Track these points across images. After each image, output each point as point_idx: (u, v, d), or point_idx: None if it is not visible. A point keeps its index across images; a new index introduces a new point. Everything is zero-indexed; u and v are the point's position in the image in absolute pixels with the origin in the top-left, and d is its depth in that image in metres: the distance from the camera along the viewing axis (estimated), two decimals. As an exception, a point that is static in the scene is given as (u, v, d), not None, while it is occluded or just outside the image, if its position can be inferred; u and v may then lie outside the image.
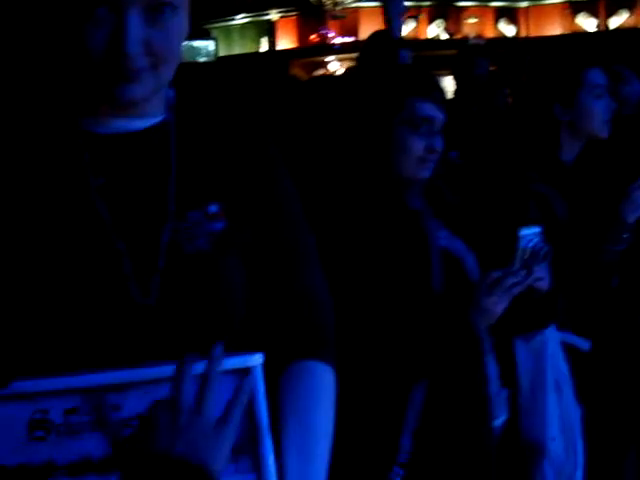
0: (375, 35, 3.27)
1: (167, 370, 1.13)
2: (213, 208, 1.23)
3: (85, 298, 1.16)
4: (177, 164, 1.23)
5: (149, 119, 1.23)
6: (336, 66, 7.63)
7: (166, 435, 1.06)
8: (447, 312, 2.01)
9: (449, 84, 4.20)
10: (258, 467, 1.16)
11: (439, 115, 2.06)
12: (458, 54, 4.30)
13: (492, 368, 2.22)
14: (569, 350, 2.45)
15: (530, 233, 2.11)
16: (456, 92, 4.19)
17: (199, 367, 1.13)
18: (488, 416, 2.11)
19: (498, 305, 2.04)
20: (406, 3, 7.78)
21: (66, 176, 1.19)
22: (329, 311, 1.33)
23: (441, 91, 2.11)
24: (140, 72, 1.14)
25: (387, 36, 3.49)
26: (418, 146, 2.04)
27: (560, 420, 2.41)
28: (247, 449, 1.15)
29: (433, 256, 2.05)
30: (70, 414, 1.12)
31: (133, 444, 1.07)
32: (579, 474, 2.41)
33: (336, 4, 7.77)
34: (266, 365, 1.16)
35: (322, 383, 1.28)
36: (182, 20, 1.18)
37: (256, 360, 1.15)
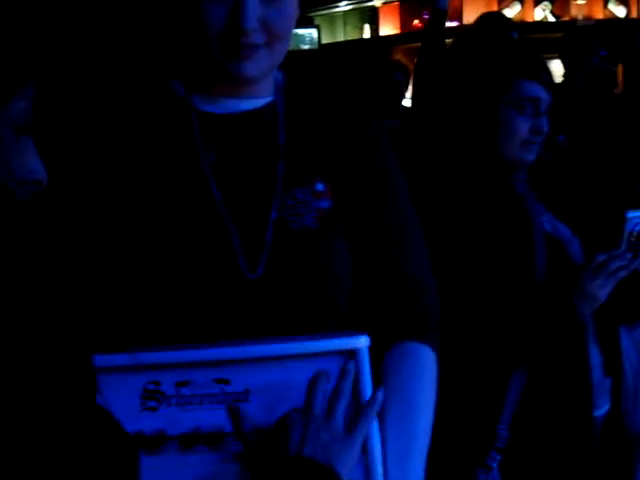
0: (485, 17, 3.23)
1: (273, 349, 1.17)
2: (320, 186, 1.26)
3: (196, 272, 1.20)
4: (285, 144, 1.26)
5: (259, 99, 1.27)
6: (439, 51, 7.54)
7: (297, 439, 1.11)
8: (550, 297, 1.99)
9: (557, 67, 4.11)
10: (365, 449, 1.18)
11: (545, 96, 2.03)
12: (566, 36, 4.20)
13: (595, 356, 2.19)
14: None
15: (637, 215, 2.06)
16: (564, 75, 4.10)
17: (307, 346, 1.16)
18: (590, 405, 2.08)
19: (602, 290, 2.00)
20: (511, -14, 7.64)
21: (178, 153, 1.24)
22: (434, 294, 1.34)
23: (548, 72, 2.09)
24: (256, 49, 1.19)
25: (498, 18, 3.43)
26: (523, 127, 2.02)
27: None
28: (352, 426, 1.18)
29: (537, 240, 2.02)
30: (181, 386, 1.16)
31: (265, 445, 1.12)
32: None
33: (439, -12, 7.69)
34: (370, 345, 1.18)
35: (425, 364, 1.30)
36: (295, 1, 1.23)
37: (362, 342, 1.17)
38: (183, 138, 1.24)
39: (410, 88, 4.55)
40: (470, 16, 3.57)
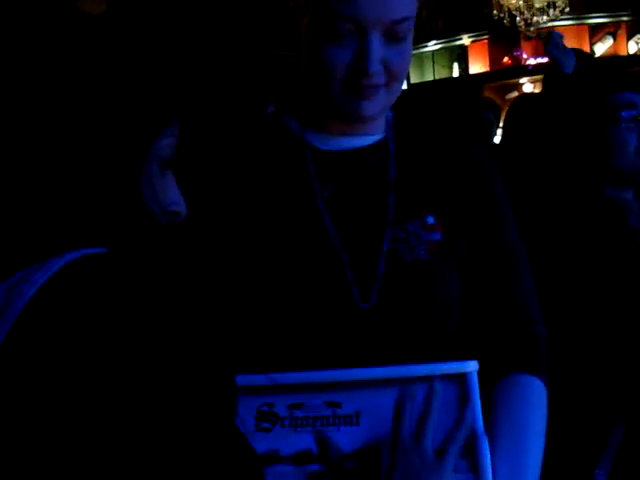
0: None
1: (385, 372, 1.20)
2: (431, 220, 1.30)
3: (311, 302, 1.25)
4: (396, 178, 1.31)
5: (372, 136, 1.32)
6: (530, 87, 7.51)
7: (386, 464, 1.12)
8: None
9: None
10: (476, 468, 1.20)
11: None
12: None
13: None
14: None
15: None
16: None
17: (418, 370, 1.19)
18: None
19: None
20: (603, 20, 7.57)
21: (293, 188, 1.30)
22: (542, 326, 1.36)
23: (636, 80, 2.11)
24: (376, 90, 1.24)
25: (583, 54, 3.42)
26: (631, 137, 2.03)
27: None
28: (463, 451, 1.20)
29: None
30: (294, 409, 1.21)
31: (355, 472, 1.15)
32: None
33: (529, 24, 7.68)
34: (479, 373, 1.21)
35: (536, 397, 1.31)
36: (411, 43, 1.28)
37: (472, 366, 1.20)
38: (298, 174, 1.31)
39: (500, 125, 4.54)
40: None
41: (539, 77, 3.34)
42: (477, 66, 8.38)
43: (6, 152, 0.97)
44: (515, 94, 7.36)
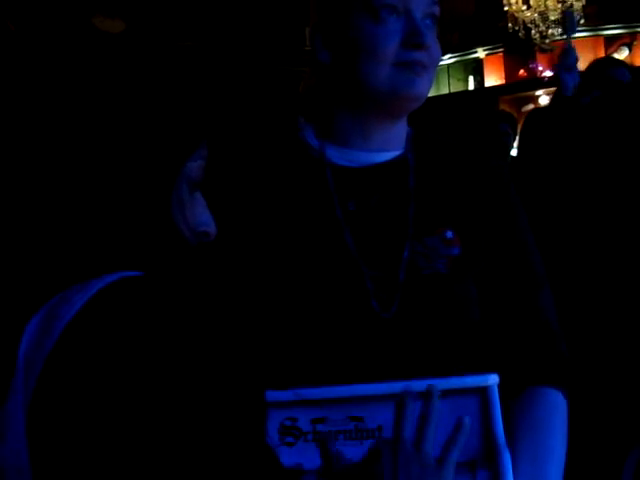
0: (598, 61, 3.25)
1: (406, 386, 1.21)
2: (449, 234, 1.32)
3: (332, 314, 1.27)
4: (416, 192, 1.33)
5: (392, 152, 1.34)
6: (546, 100, 7.51)
7: (388, 469, 1.13)
8: None
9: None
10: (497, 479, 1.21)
11: None
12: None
13: None
14: None
15: None
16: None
17: (439, 384, 1.20)
18: None
19: None
20: (619, 30, 7.57)
21: (314, 205, 1.32)
22: (563, 341, 1.36)
23: None
24: (424, 69, 1.30)
25: (610, 61, 3.44)
26: None
27: None
28: (484, 464, 1.20)
29: None
30: (317, 423, 1.22)
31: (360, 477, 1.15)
32: None
33: (544, 37, 7.69)
34: (499, 386, 1.21)
35: (557, 410, 1.32)
36: None
37: (492, 379, 1.21)
38: (318, 190, 1.33)
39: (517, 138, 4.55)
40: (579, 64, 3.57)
41: (554, 89, 3.35)
42: (492, 79, 8.38)
43: (42, 177, 0.99)
44: (531, 106, 7.36)
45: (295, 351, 1.28)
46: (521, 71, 8.04)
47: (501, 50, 8.35)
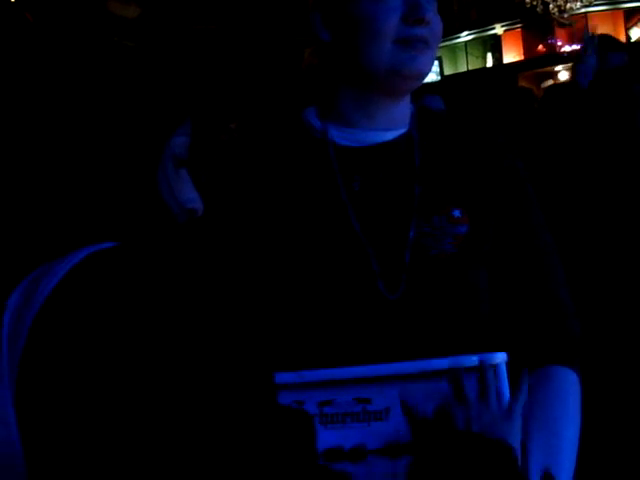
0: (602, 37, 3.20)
1: (413, 366, 1.19)
2: (456, 212, 1.29)
3: (338, 296, 1.25)
4: (421, 171, 1.30)
5: (396, 130, 1.32)
6: (565, 75, 7.44)
7: (462, 421, 1.15)
8: None
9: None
10: None
11: None
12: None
13: None
14: None
15: None
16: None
17: (445, 363, 1.18)
18: None
19: None
20: (638, 4, 7.48)
21: (318, 185, 1.30)
22: (576, 319, 1.34)
23: None
24: (426, 46, 1.26)
25: (607, 40, 3.39)
26: None
27: None
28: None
29: None
30: (324, 406, 1.20)
31: (430, 432, 1.16)
32: None
33: (562, 11, 7.60)
34: (509, 365, 1.20)
35: (569, 388, 1.30)
36: None
37: (501, 358, 1.19)
38: (321, 171, 1.30)
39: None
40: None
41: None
42: (511, 55, 8.32)
43: (27, 150, 0.99)
44: (550, 82, 7.29)
45: (302, 333, 1.26)
46: (540, 46, 7.98)
47: (519, 26, 8.29)
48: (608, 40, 3.22)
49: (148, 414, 0.85)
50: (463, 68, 9.02)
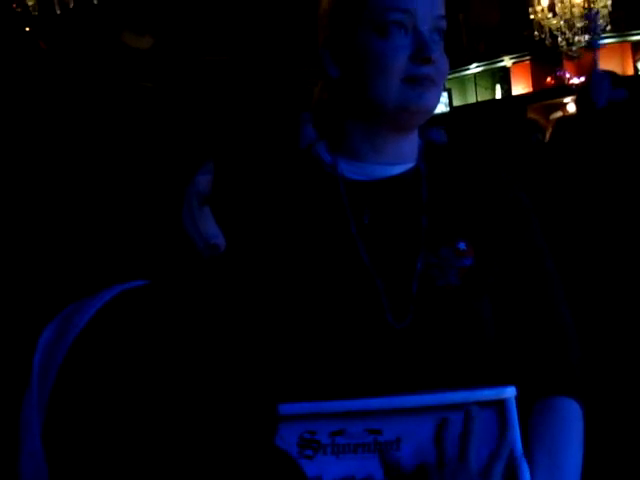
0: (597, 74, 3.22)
1: (424, 399, 1.21)
2: (462, 245, 1.32)
3: (348, 326, 1.27)
4: (428, 205, 1.33)
5: (404, 164, 1.35)
6: (574, 107, 7.48)
7: None
8: None
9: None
10: None
11: None
12: None
13: None
14: None
15: None
16: None
17: (456, 397, 1.20)
18: None
19: None
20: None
21: (328, 220, 1.32)
22: (579, 351, 1.36)
23: None
24: (432, 83, 1.30)
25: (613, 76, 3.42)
26: None
27: None
28: (504, 474, 1.20)
29: None
30: (336, 436, 1.22)
31: None
32: None
33: (570, 44, 7.67)
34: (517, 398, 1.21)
35: (572, 419, 1.31)
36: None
37: (510, 392, 1.20)
38: (332, 205, 1.33)
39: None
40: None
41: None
42: (520, 87, 8.37)
43: (57, 191, 1.01)
44: (559, 114, 7.33)
45: (311, 363, 1.28)
46: (548, 79, 8.02)
47: (528, 58, 8.34)
48: (610, 76, 3.25)
49: (175, 457, 0.87)
50: (472, 99, 9.06)
